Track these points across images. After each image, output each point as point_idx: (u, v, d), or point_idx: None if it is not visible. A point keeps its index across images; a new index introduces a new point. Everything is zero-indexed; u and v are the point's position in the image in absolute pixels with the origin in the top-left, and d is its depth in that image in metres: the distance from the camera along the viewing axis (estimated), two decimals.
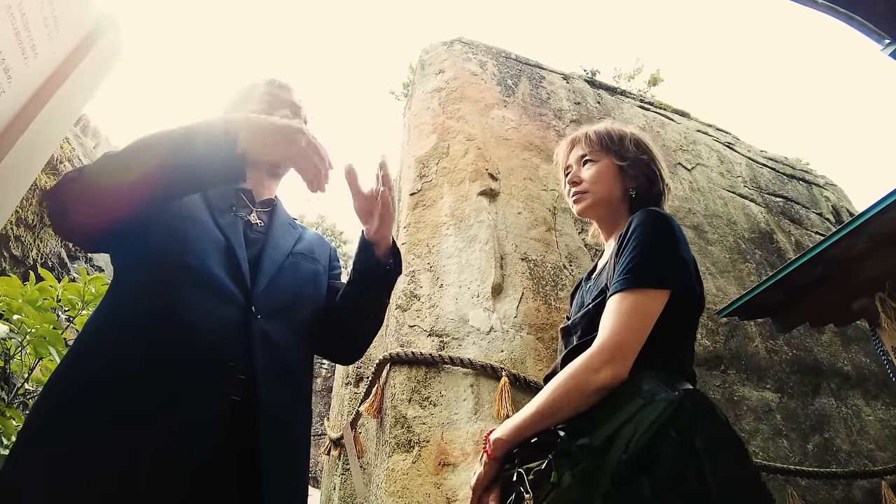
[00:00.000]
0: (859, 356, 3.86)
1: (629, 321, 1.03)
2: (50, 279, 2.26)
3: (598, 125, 1.45)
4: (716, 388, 3.10)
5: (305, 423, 1.18)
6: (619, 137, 1.40)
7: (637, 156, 1.38)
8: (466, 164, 3.23)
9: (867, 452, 3.26)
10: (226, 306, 1.04)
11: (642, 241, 1.12)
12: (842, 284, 2.68)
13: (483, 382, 2.41)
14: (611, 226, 1.39)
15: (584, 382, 1.00)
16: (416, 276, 2.80)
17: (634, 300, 1.05)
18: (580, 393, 1.00)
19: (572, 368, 1.03)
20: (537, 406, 1.03)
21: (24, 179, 1.12)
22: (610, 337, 1.03)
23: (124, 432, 0.86)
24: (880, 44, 1.64)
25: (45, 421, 0.88)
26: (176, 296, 1.00)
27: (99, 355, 0.93)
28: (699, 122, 5.05)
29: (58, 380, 0.93)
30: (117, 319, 0.99)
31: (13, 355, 2.19)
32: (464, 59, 3.91)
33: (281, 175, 1.41)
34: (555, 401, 1.02)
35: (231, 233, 1.14)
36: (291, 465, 1.06)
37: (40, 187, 3.73)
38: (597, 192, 1.36)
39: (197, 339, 0.97)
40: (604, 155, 1.39)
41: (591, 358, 1.02)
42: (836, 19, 1.68)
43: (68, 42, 1.14)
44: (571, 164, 1.43)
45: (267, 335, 1.06)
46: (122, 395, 0.88)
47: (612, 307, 1.07)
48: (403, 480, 2.17)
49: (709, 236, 3.93)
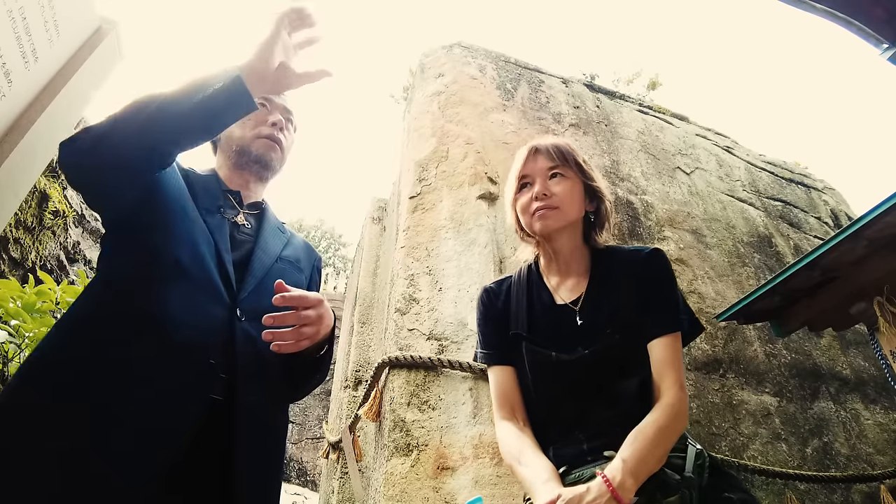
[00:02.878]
0: (858, 360, 3.86)
1: (681, 359, 1.18)
2: (49, 282, 2.26)
3: (556, 139, 1.38)
4: (714, 391, 3.10)
5: (282, 425, 1.19)
6: (578, 156, 1.36)
7: (592, 177, 1.36)
8: (466, 167, 3.24)
9: (866, 456, 3.26)
10: (211, 306, 1.05)
11: (674, 282, 1.26)
12: (840, 288, 2.68)
13: (482, 386, 2.41)
14: (564, 248, 1.33)
15: (683, 422, 1.10)
16: (415, 279, 2.80)
17: (678, 340, 1.20)
18: (680, 430, 1.10)
19: (670, 411, 1.09)
20: (653, 449, 1.04)
21: (25, 182, 1.12)
22: (682, 377, 1.15)
23: (100, 431, 0.84)
24: (879, 48, 1.64)
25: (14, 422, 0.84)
26: (162, 292, 1.00)
27: (79, 351, 0.92)
28: (698, 126, 5.06)
29: (30, 372, 0.90)
30: (95, 311, 0.98)
31: (11, 358, 2.19)
32: (463, 62, 3.91)
33: (269, 181, 1.41)
34: (668, 442, 1.07)
35: (218, 233, 1.15)
36: (266, 465, 1.06)
37: (40, 190, 3.73)
38: (567, 210, 1.29)
39: (180, 337, 0.97)
40: (573, 173, 1.32)
41: (682, 399, 1.12)
42: (835, 24, 1.68)
43: (69, 46, 1.14)
44: (533, 175, 1.33)
45: (250, 336, 1.07)
46: (99, 390, 0.87)
47: (673, 347, 1.17)
48: (402, 484, 2.16)
49: (707, 240, 3.94)
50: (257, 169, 1.35)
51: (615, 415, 1.14)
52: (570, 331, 1.23)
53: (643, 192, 3.94)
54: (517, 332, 1.29)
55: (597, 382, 1.17)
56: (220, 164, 1.37)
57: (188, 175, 1.22)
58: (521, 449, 1.16)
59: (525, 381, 1.27)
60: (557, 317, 1.27)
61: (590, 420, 1.16)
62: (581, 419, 1.17)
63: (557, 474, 1.08)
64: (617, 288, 1.25)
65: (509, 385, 1.29)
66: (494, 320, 1.35)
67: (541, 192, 1.29)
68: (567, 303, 1.28)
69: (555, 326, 1.26)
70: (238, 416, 0.99)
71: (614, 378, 1.17)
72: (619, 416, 1.13)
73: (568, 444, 1.16)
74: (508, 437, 1.21)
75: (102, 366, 0.90)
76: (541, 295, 1.33)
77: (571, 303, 1.27)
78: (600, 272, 1.30)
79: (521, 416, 1.26)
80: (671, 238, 3.73)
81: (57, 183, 4.16)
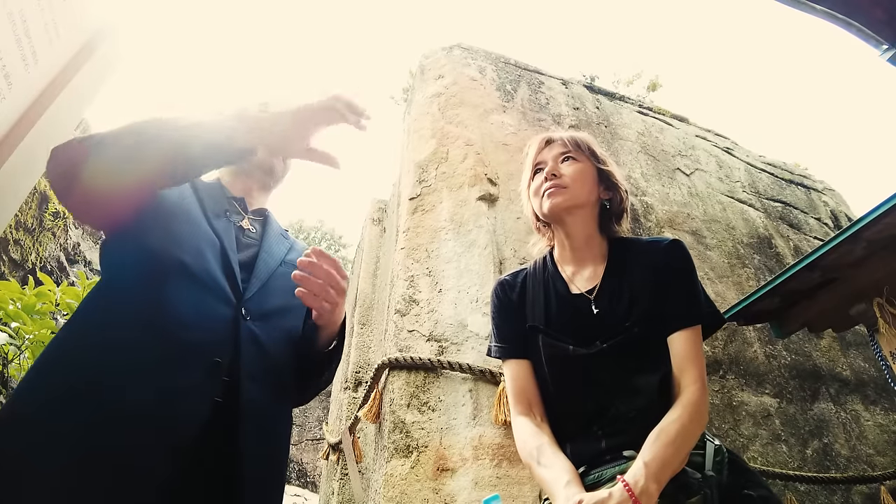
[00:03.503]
0: (858, 361, 3.86)
1: (702, 354, 1.15)
2: (49, 283, 2.26)
3: (572, 131, 1.39)
4: (714, 393, 3.10)
5: (286, 425, 1.19)
6: (595, 147, 1.36)
7: (606, 162, 1.35)
8: (465, 168, 3.24)
9: (866, 457, 3.26)
10: (217, 305, 1.06)
11: (694, 274, 1.23)
12: (840, 290, 2.67)
13: (482, 388, 2.41)
14: (578, 234, 1.31)
15: (705, 420, 1.08)
16: (415, 280, 2.80)
17: (698, 333, 1.17)
18: (702, 428, 1.08)
19: (692, 409, 1.06)
20: (675, 450, 1.00)
21: (25, 184, 1.12)
22: (703, 372, 1.12)
23: (105, 433, 0.85)
24: (878, 49, 1.64)
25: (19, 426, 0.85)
26: (169, 291, 1.01)
27: (75, 357, 0.92)
28: (698, 128, 5.06)
29: (28, 387, 0.91)
30: (102, 314, 0.98)
31: (11, 360, 2.19)
32: (463, 64, 3.92)
33: (272, 188, 1.44)
34: (690, 442, 1.04)
35: (224, 235, 1.16)
36: (269, 465, 1.07)
37: (40, 191, 3.73)
38: (577, 190, 1.28)
39: (187, 335, 0.98)
40: (585, 157, 1.33)
41: (703, 395, 1.09)
42: (835, 25, 1.68)
43: (69, 48, 1.14)
44: (546, 160, 1.33)
45: (254, 336, 1.08)
46: (97, 402, 0.87)
47: (694, 341, 1.15)
48: (402, 485, 2.16)
49: (707, 241, 3.94)
50: (260, 175, 1.37)
51: (634, 410, 1.10)
52: (586, 321, 1.20)
53: (643, 193, 3.94)
54: (534, 325, 1.25)
55: (615, 377, 1.14)
56: (223, 172, 1.39)
57: (192, 182, 1.24)
58: (539, 447, 1.12)
59: (542, 375, 1.23)
60: (573, 306, 1.24)
61: (608, 416, 1.13)
62: (599, 415, 1.14)
63: (578, 476, 1.04)
64: (635, 278, 1.21)
65: (526, 379, 1.24)
66: (509, 313, 1.32)
67: (550, 172, 1.30)
68: (583, 292, 1.25)
69: (571, 317, 1.23)
70: (241, 416, 0.99)
71: (633, 372, 1.13)
72: (638, 411, 1.09)
73: (586, 440, 1.13)
74: (525, 434, 1.17)
75: (109, 368, 0.90)
76: (556, 285, 1.29)
77: (587, 292, 1.24)
78: (617, 261, 1.27)
79: (539, 411, 1.22)
80: None
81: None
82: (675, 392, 1.10)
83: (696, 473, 1.01)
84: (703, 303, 1.20)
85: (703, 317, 1.18)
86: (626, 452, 1.05)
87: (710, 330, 1.23)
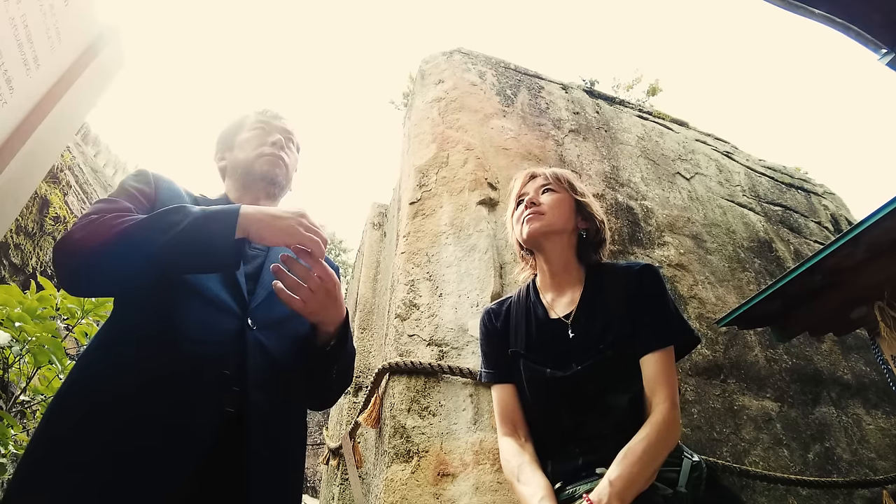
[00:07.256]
0: (859, 365, 3.85)
1: (674, 374, 1.19)
2: (49, 288, 2.26)
3: (554, 168, 1.51)
4: (715, 397, 3.09)
5: (299, 433, 1.19)
6: (574, 181, 1.47)
7: (583, 194, 1.45)
8: (466, 173, 3.25)
9: (868, 461, 3.25)
10: (222, 318, 1.07)
11: (666, 297, 1.28)
12: (841, 293, 2.67)
13: (483, 392, 2.40)
14: (556, 260, 1.40)
15: (674, 438, 1.13)
16: (416, 285, 2.80)
17: (670, 354, 1.22)
18: (670, 447, 1.11)
19: (660, 428, 1.10)
20: (641, 468, 1.05)
21: (26, 189, 1.12)
22: (674, 392, 1.16)
23: (122, 454, 0.88)
24: (877, 54, 1.64)
25: (43, 451, 0.90)
26: (176, 308, 1.03)
27: (100, 375, 0.97)
28: (698, 132, 5.07)
29: (60, 403, 0.96)
30: (119, 335, 1.03)
31: (11, 364, 2.19)
32: (463, 69, 3.93)
33: (278, 197, 1.45)
34: (657, 460, 1.07)
35: None
36: (281, 478, 1.06)
37: (41, 196, 3.74)
38: (554, 217, 1.39)
39: (195, 349, 1.00)
40: (563, 189, 1.44)
41: (672, 415, 1.12)
42: (834, 30, 1.69)
43: (70, 53, 1.14)
44: (528, 192, 1.45)
45: (262, 346, 1.09)
46: (122, 416, 0.91)
47: (665, 362, 1.19)
48: (402, 490, 2.16)
49: (708, 245, 3.94)
50: (263, 185, 1.39)
51: (608, 429, 1.17)
52: (563, 346, 1.27)
53: (643, 197, 3.94)
54: (515, 350, 1.34)
55: (589, 397, 1.21)
56: (229, 188, 1.42)
57: (198, 201, 1.27)
58: (520, 466, 1.21)
59: (525, 398, 1.31)
60: (551, 331, 1.32)
61: (584, 434, 1.20)
62: (576, 434, 1.21)
63: (552, 493, 1.11)
64: (609, 303, 1.28)
65: (510, 402, 1.34)
66: (495, 340, 1.42)
67: (530, 201, 1.41)
68: (560, 317, 1.33)
69: (549, 341, 1.31)
70: (248, 424, 1.00)
71: (607, 393, 1.20)
72: (611, 430, 1.16)
73: (565, 458, 1.21)
74: (509, 453, 1.26)
75: (126, 388, 0.94)
76: (537, 311, 1.38)
77: (564, 317, 1.32)
78: (594, 287, 1.35)
79: (523, 432, 1.30)
80: (671, 243, 3.73)
81: (58, 189, 4.16)
82: (647, 412, 1.16)
83: (666, 490, 1.06)
84: (675, 325, 1.26)
85: (674, 339, 1.24)
86: (598, 470, 1.11)
87: (685, 350, 1.30)
